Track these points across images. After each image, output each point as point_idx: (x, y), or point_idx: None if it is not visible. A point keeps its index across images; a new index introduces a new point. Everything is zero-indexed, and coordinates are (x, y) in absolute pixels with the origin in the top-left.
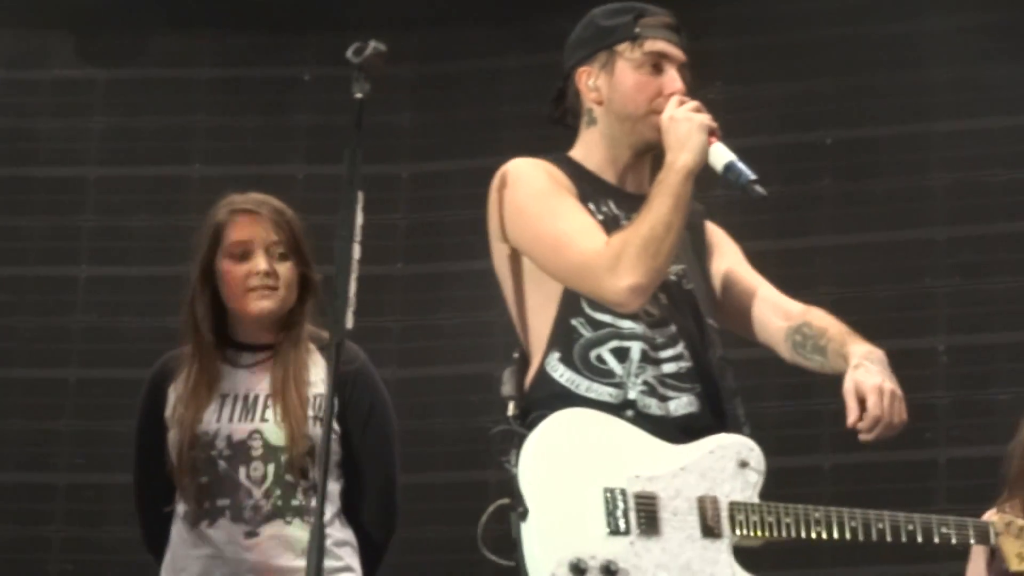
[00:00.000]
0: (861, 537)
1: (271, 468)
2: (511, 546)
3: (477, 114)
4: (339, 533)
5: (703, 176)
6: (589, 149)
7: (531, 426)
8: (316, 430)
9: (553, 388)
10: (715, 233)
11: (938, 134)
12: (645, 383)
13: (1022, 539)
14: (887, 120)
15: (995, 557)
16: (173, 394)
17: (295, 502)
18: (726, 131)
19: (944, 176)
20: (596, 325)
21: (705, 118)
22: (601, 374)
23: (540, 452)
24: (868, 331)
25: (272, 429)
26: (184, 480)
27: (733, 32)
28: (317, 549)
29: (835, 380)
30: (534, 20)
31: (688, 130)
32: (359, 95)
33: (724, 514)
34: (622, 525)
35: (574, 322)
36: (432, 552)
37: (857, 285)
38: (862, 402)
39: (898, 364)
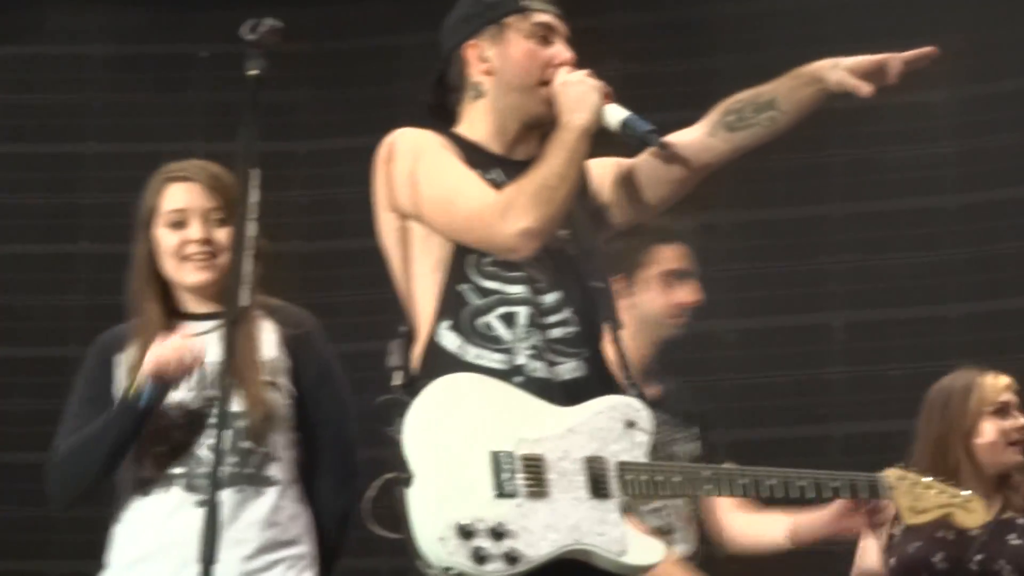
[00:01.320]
0: (752, 494)
1: (227, 435)
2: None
3: (374, 91)
4: (291, 506)
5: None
6: (474, 123)
7: (416, 394)
8: (272, 395)
9: (442, 356)
10: (594, 165)
11: (836, 111)
12: (533, 347)
13: (915, 493)
14: None
15: (892, 541)
16: (123, 367)
17: (248, 470)
18: (624, 107)
19: (841, 152)
20: (483, 292)
21: (597, 82)
22: (489, 340)
23: (423, 417)
24: (766, 307)
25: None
26: (141, 450)
27: (630, 8)
28: (210, 522)
29: (737, 355)
30: None
31: (582, 91)
32: (254, 72)
33: (612, 474)
34: (508, 487)
35: (460, 288)
36: None
37: (754, 261)
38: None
39: (794, 340)
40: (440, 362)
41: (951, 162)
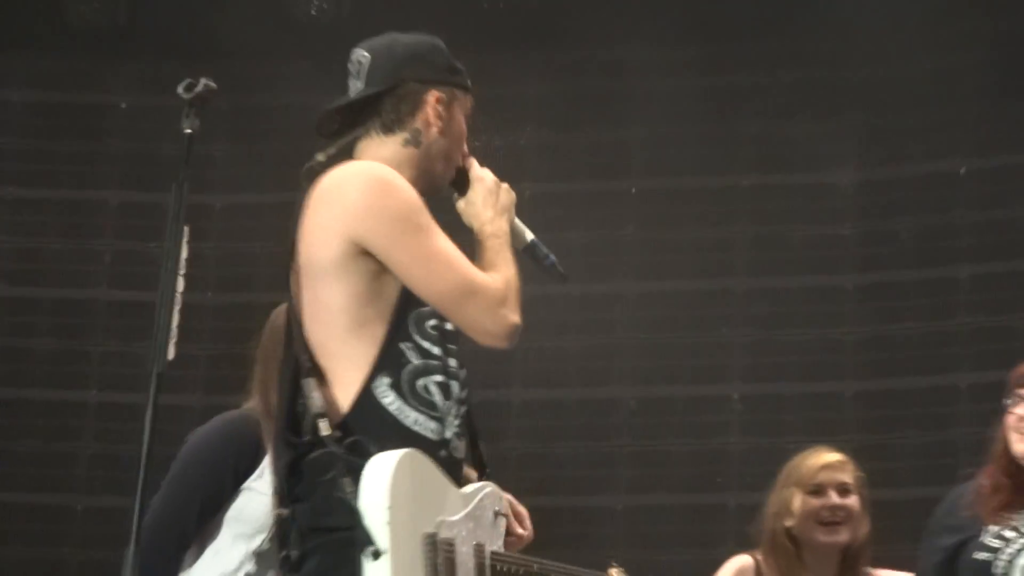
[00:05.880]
0: None
1: None
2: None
3: (290, 147)
4: None
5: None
6: (400, 169)
7: (360, 454)
8: None
9: (381, 415)
10: None
11: (742, 187)
12: (458, 424)
13: None
14: (693, 170)
15: None
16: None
17: None
18: (534, 176)
19: (747, 228)
20: (424, 354)
21: (512, 192)
22: (426, 405)
23: (394, 493)
24: (665, 376)
25: None
26: None
27: (546, 78)
28: None
29: (637, 422)
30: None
31: (507, 198)
32: (188, 131)
33: (487, 563)
34: (440, 571)
35: (402, 347)
36: None
37: (657, 331)
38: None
39: (694, 410)
40: (379, 421)
41: (852, 242)
